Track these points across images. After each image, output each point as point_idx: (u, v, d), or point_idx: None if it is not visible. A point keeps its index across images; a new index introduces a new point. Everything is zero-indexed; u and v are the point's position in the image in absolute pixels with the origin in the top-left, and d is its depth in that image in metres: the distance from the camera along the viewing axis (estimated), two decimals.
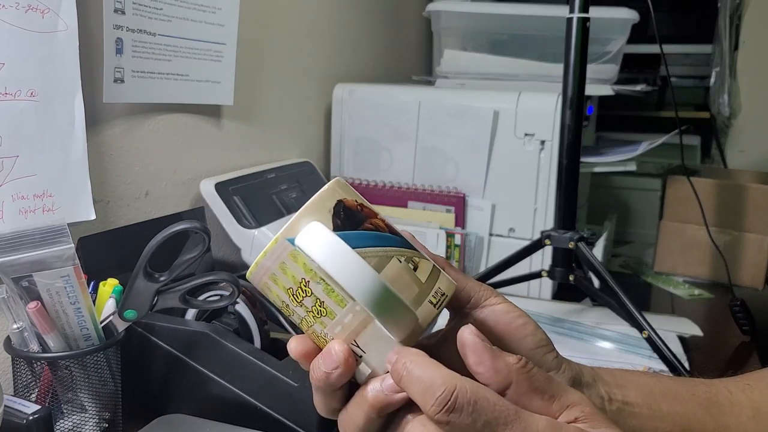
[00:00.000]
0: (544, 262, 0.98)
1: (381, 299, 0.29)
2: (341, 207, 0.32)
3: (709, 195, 1.16)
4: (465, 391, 0.28)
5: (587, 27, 0.86)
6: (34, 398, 0.54)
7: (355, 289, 0.29)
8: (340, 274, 0.29)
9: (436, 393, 0.28)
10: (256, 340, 0.66)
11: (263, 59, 1.00)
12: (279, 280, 0.32)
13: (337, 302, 0.31)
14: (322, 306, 0.31)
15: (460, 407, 0.27)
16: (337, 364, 0.31)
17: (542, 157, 1.01)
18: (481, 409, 0.27)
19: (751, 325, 0.91)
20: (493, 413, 0.28)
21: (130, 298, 0.56)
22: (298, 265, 0.32)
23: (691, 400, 0.40)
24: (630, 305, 0.81)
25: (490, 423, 0.27)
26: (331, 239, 0.30)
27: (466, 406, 0.27)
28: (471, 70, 1.23)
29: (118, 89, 0.71)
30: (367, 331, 0.31)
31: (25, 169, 0.61)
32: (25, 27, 0.59)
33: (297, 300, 0.32)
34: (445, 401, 0.27)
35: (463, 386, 0.28)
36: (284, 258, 0.32)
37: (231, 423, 0.59)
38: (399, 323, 0.30)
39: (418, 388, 0.29)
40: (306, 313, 0.32)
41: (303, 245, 0.30)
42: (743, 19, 1.59)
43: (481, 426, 0.27)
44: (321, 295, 0.31)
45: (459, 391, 0.28)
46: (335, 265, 0.30)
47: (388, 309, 0.30)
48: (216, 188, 0.84)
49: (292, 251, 0.32)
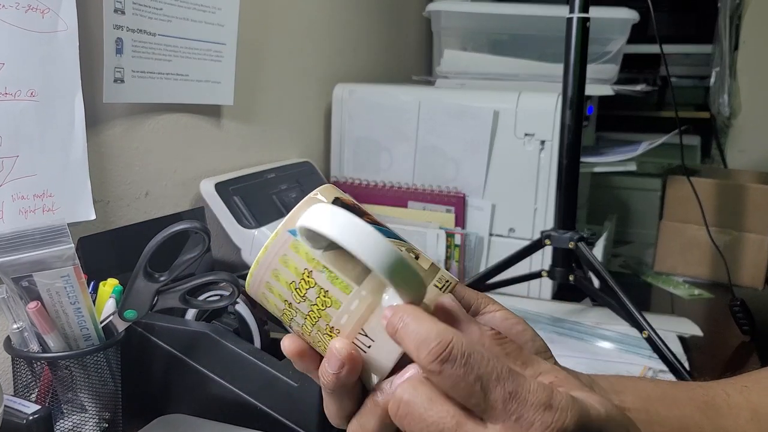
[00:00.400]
0: (544, 262, 0.98)
1: (393, 262, 0.29)
2: (339, 203, 0.32)
3: (709, 195, 1.16)
4: (460, 344, 0.28)
5: (587, 27, 0.86)
6: (34, 398, 0.54)
7: (367, 254, 0.28)
8: (350, 240, 0.29)
9: (431, 344, 0.28)
10: (256, 340, 0.66)
11: (263, 59, 1.00)
12: (281, 275, 0.32)
13: (342, 289, 0.31)
14: (326, 296, 0.31)
15: (454, 358, 0.27)
16: (342, 362, 0.30)
17: (542, 157, 1.01)
18: (474, 363, 0.27)
19: (751, 325, 0.91)
20: (486, 368, 0.27)
21: (130, 298, 0.56)
22: (300, 256, 0.31)
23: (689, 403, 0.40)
24: (630, 305, 0.81)
25: (482, 377, 0.27)
26: (337, 210, 0.30)
27: (460, 358, 0.27)
28: (471, 70, 1.23)
29: (118, 89, 0.71)
30: (375, 315, 0.30)
31: (25, 169, 0.61)
32: (25, 27, 0.59)
33: (300, 294, 0.31)
34: (439, 352, 0.28)
35: (458, 339, 0.28)
36: (285, 250, 0.31)
37: (231, 423, 0.59)
38: (411, 288, 0.30)
39: (413, 340, 0.29)
40: (309, 307, 0.31)
41: (309, 221, 0.30)
42: (743, 19, 1.59)
43: (473, 379, 0.27)
44: (325, 284, 0.31)
45: (454, 343, 0.28)
46: (344, 233, 0.29)
47: (400, 273, 0.29)
48: (216, 188, 0.84)
49: (293, 242, 0.31)
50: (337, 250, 0.31)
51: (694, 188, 1.06)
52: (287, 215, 0.32)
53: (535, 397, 0.27)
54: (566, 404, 0.27)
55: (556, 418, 0.27)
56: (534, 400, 0.27)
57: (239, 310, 0.66)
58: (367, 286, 0.31)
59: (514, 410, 0.27)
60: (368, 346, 0.31)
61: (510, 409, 0.27)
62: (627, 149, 1.11)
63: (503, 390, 0.27)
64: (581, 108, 0.89)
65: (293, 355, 0.33)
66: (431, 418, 0.28)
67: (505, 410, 0.27)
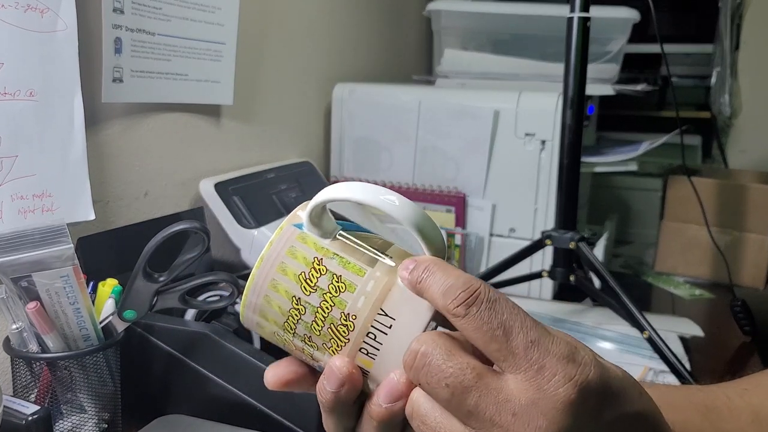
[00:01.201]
0: (545, 263, 0.98)
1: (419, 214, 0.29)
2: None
3: (710, 195, 1.16)
4: (486, 291, 0.28)
5: (588, 26, 0.86)
6: (34, 399, 0.54)
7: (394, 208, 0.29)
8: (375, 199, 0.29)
9: (458, 289, 0.28)
10: (256, 340, 0.66)
11: (263, 59, 1.00)
12: (289, 268, 0.31)
13: (356, 272, 0.31)
14: (340, 281, 0.30)
15: (480, 302, 0.27)
16: (342, 381, 0.30)
17: (543, 157, 1.01)
18: (499, 308, 0.27)
19: (752, 326, 0.91)
20: (510, 314, 0.27)
21: (130, 298, 0.56)
22: (308, 246, 0.31)
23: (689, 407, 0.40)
24: (631, 305, 0.80)
25: (505, 323, 0.27)
26: (352, 182, 0.30)
27: (486, 302, 0.27)
28: (471, 70, 1.23)
29: (117, 89, 0.71)
30: (393, 294, 0.30)
31: (25, 169, 0.61)
32: (25, 27, 0.59)
33: (310, 284, 0.31)
34: (466, 296, 0.27)
35: (485, 287, 0.28)
36: (292, 242, 0.32)
37: (230, 423, 0.59)
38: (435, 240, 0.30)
39: (438, 288, 0.28)
40: (322, 297, 0.30)
41: (329, 194, 0.30)
42: (744, 19, 1.58)
43: (497, 324, 0.27)
44: (337, 269, 0.31)
45: (481, 289, 0.28)
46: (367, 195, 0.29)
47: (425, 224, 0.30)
48: (215, 188, 0.83)
49: (300, 234, 0.32)
50: (343, 240, 0.31)
51: (694, 188, 1.06)
52: (289, 215, 0.32)
53: (558, 348, 0.27)
54: (589, 360, 0.27)
55: (579, 371, 0.26)
56: (557, 351, 0.27)
57: (239, 310, 0.66)
58: (380, 268, 0.31)
59: (535, 359, 0.26)
60: (389, 326, 0.30)
61: (531, 357, 0.26)
62: (628, 149, 1.11)
63: (525, 337, 0.27)
64: (582, 108, 0.89)
65: (277, 385, 0.33)
66: (450, 369, 0.27)
67: (526, 358, 0.27)
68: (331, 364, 0.30)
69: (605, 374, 0.27)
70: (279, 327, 0.32)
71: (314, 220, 0.31)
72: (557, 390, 0.26)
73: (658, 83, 1.67)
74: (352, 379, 0.30)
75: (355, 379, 0.30)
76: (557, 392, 0.26)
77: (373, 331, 0.30)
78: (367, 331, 0.30)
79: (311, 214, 0.31)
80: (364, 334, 0.30)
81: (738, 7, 1.57)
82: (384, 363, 0.30)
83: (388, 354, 0.30)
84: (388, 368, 0.30)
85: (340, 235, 0.32)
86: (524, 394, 0.26)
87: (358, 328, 0.30)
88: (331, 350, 0.31)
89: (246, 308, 0.33)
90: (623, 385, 0.28)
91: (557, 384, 0.26)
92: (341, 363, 0.30)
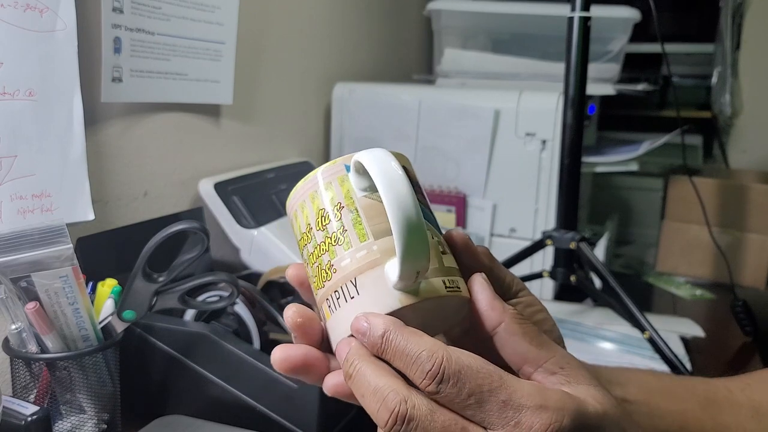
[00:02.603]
0: (545, 263, 0.98)
1: (410, 222, 0.29)
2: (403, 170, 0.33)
3: (711, 195, 1.16)
4: (450, 361, 0.28)
5: (588, 26, 0.86)
6: (33, 399, 0.54)
7: (392, 202, 0.29)
8: (384, 185, 0.29)
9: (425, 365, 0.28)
10: (255, 340, 0.66)
11: (262, 58, 0.99)
12: (317, 198, 0.33)
13: (359, 235, 0.31)
14: (343, 233, 0.32)
15: (447, 378, 0.28)
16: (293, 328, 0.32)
17: (543, 156, 1.01)
18: (465, 378, 0.28)
19: (753, 326, 0.91)
20: (476, 381, 0.28)
21: (129, 298, 0.56)
22: (342, 190, 0.32)
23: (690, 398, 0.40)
24: (631, 306, 0.80)
25: (474, 392, 0.28)
26: (394, 163, 0.30)
27: (452, 376, 0.28)
28: (472, 69, 1.23)
29: (116, 89, 0.70)
30: (373, 272, 0.31)
31: (24, 169, 0.60)
32: (24, 26, 0.59)
33: (323, 223, 0.32)
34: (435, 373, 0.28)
35: (447, 355, 0.28)
36: (332, 179, 0.33)
37: (230, 424, 0.59)
38: (415, 260, 0.30)
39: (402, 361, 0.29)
40: (323, 239, 0.32)
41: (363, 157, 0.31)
42: (745, 19, 1.58)
43: (466, 395, 0.28)
44: (347, 224, 0.32)
45: (445, 361, 0.28)
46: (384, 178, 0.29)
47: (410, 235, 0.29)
48: (215, 188, 0.83)
49: (342, 176, 0.33)
50: (373, 200, 0.32)
51: (695, 188, 1.06)
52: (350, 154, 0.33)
53: (529, 401, 0.28)
54: (561, 403, 0.28)
55: (554, 418, 0.27)
56: (529, 403, 0.28)
57: (238, 310, 0.66)
58: (381, 243, 0.31)
59: (510, 417, 0.27)
60: (351, 296, 0.31)
61: (507, 416, 0.27)
62: (628, 149, 1.11)
63: (497, 399, 0.28)
64: (582, 107, 0.89)
65: (296, 281, 0.35)
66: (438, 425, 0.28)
67: (502, 418, 0.27)
68: (285, 313, 0.33)
69: (581, 414, 0.28)
70: (297, 239, 0.35)
71: (359, 171, 0.32)
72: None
73: (659, 83, 1.66)
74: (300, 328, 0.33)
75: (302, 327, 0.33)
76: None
77: (339, 292, 0.31)
78: (335, 288, 0.31)
79: (356, 165, 0.32)
80: (333, 290, 0.32)
81: (739, 7, 1.57)
82: (334, 325, 0.32)
83: (339, 320, 0.31)
84: (334, 331, 0.32)
85: (377, 195, 0.32)
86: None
87: (332, 281, 0.32)
88: (314, 284, 0.33)
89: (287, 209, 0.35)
90: (602, 424, 0.29)
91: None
92: (289, 312, 0.33)
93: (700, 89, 1.67)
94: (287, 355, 0.32)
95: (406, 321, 0.30)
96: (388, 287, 0.30)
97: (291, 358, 0.32)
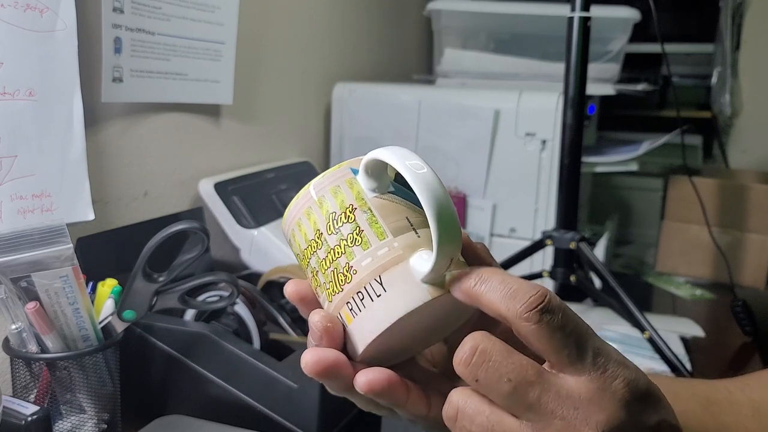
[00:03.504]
0: (545, 263, 0.98)
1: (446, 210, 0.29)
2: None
3: (711, 195, 1.16)
4: (555, 297, 0.28)
5: (588, 26, 0.86)
6: (33, 399, 0.54)
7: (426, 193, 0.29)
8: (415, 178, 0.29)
9: (527, 294, 0.28)
10: (255, 340, 0.66)
11: (263, 58, 0.99)
12: (325, 204, 0.33)
13: (378, 234, 0.31)
14: (359, 234, 0.31)
15: (553, 309, 0.28)
16: (320, 335, 0.31)
17: (543, 156, 1.01)
18: (570, 315, 0.28)
19: (753, 326, 0.91)
20: (578, 322, 0.28)
21: (129, 298, 0.56)
22: (352, 192, 0.32)
23: (691, 399, 0.40)
24: (631, 306, 0.80)
25: (575, 330, 0.28)
26: (414, 156, 0.30)
27: (558, 309, 0.28)
28: (472, 70, 1.23)
29: (116, 89, 0.70)
30: (398, 268, 0.31)
31: (24, 169, 0.60)
32: (24, 26, 0.59)
33: (334, 227, 0.32)
34: (539, 301, 0.28)
35: (553, 293, 0.28)
36: (340, 182, 0.33)
37: (230, 424, 0.59)
38: (450, 242, 0.30)
39: (499, 293, 0.29)
40: (338, 242, 0.32)
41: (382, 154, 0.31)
42: (745, 19, 1.58)
43: (569, 331, 0.28)
44: (363, 224, 0.32)
45: (551, 295, 0.28)
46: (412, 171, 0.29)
47: (447, 222, 0.29)
48: (215, 188, 0.83)
49: (350, 179, 0.33)
50: (385, 200, 0.32)
51: (695, 188, 1.06)
52: (353, 158, 0.33)
53: (616, 355, 0.29)
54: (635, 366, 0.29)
55: (634, 375, 0.29)
56: (616, 357, 0.29)
57: (238, 310, 0.66)
58: (402, 240, 0.31)
59: (601, 364, 0.28)
60: (378, 294, 0.30)
61: (599, 362, 0.28)
62: (628, 149, 1.11)
63: (593, 344, 0.28)
64: (582, 107, 0.89)
65: (294, 297, 0.34)
66: (512, 365, 0.28)
67: (594, 363, 0.28)
68: (310, 318, 0.31)
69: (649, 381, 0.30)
70: (300, 251, 0.34)
71: (369, 172, 0.32)
72: (617, 390, 0.28)
73: (659, 83, 1.66)
74: (329, 332, 0.31)
75: (331, 332, 0.31)
76: (617, 391, 0.28)
77: (363, 293, 0.31)
78: (358, 289, 0.31)
79: (366, 166, 0.32)
80: (356, 291, 0.31)
81: (739, 7, 1.57)
82: (360, 324, 0.31)
83: (366, 319, 0.31)
84: (361, 331, 0.31)
85: (388, 195, 0.33)
86: (586, 393, 0.28)
87: (353, 283, 0.31)
88: (327, 292, 0.32)
89: (284, 223, 0.35)
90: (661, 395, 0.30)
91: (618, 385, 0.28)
92: (317, 317, 0.31)
93: (700, 89, 1.67)
94: (319, 358, 0.31)
95: (432, 314, 0.31)
96: (416, 281, 0.30)
97: (323, 361, 0.31)
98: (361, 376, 0.31)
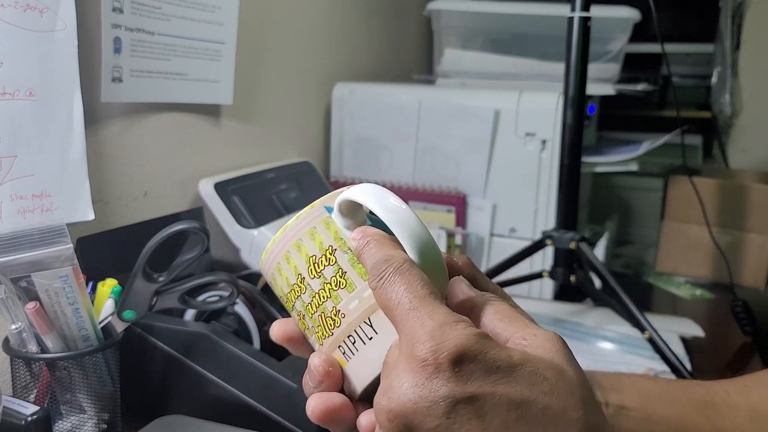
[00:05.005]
0: (545, 263, 0.98)
1: (426, 247, 0.29)
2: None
3: (711, 195, 1.16)
4: (398, 263, 0.29)
5: (588, 26, 0.86)
6: (33, 399, 0.54)
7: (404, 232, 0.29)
8: (390, 217, 0.29)
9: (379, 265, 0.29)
10: (256, 341, 0.66)
11: (263, 58, 0.99)
12: (303, 247, 0.32)
13: (361, 274, 0.31)
14: (342, 277, 0.31)
15: (387, 274, 0.29)
16: (321, 379, 0.31)
17: (543, 156, 1.01)
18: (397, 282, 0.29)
19: (753, 326, 0.91)
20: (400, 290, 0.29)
21: (129, 298, 0.56)
22: (329, 233, 0.32)
23: (688, 402, 0.40)
24: (631, 306, 0.80)
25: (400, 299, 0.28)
26: (384, 191, 0.30)
27: (392, 275, 0.29)
28: (472, 69, 1.23)
29: (116, 88, 0.70)
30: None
31: (24, 169, 0.60)
32: (24, 26, 0.59)
33: (316, 270, 0.31)
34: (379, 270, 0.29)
35: (399, 261, 0.29)
36: (316, 224, 0.32)
37: (230, 424, 0.59)
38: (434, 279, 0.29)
39: (369, 261, 0.30)
40: (321, 285, 0.31)
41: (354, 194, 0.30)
42: (745, 19, 1.58)
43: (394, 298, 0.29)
44: (345, 265, 0.31)
45: (392, 264, 0.29)
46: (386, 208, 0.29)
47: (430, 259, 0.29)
48: (215, 188, 0.83)
49: (326, 218, 0.32)
50: None
51: (695, 188, 1.06)
52: (327, 195, 0.32)
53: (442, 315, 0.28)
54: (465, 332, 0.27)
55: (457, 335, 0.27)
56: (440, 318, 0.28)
57: (238, 310, 0.66)
58: None
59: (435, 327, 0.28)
60: (369, 337, 0.30)
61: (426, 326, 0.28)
62: (628, 149, 1.11)
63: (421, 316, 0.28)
64: (582, 107, 0.89)
65: (281, 340, 0.34)
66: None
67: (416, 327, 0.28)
68: (310, 361, 0.31)
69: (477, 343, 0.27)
70: (283, 294, 0.33)
71: (344, 210, 0.32)
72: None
73: (659, 83, 1.66)
74: (330, 376, 0.31)
75: (332, 375, 0.31)
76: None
77: (354, 336, 0.30)
78: (348, 333, 0.30)
79: (340, 205, 0.32)
80: (346, 335, 0.31)
81: (739, 7, 1.57)
82: (355, 368, 0.31)
83: (360, 363, 0.30)
84: (356, 374, 0.31)
85: None
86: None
87: (342, 327, 0.31)
88: (317, 336, 0.32)
89: (263, 265, 0.34)
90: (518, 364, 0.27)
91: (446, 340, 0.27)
92: (318, 361, 0.31)
93: (700, 89, 1.67)
94: (326, 406, 0.31)
95: None
96: None
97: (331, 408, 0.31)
98: (363, 418, 0.31)
